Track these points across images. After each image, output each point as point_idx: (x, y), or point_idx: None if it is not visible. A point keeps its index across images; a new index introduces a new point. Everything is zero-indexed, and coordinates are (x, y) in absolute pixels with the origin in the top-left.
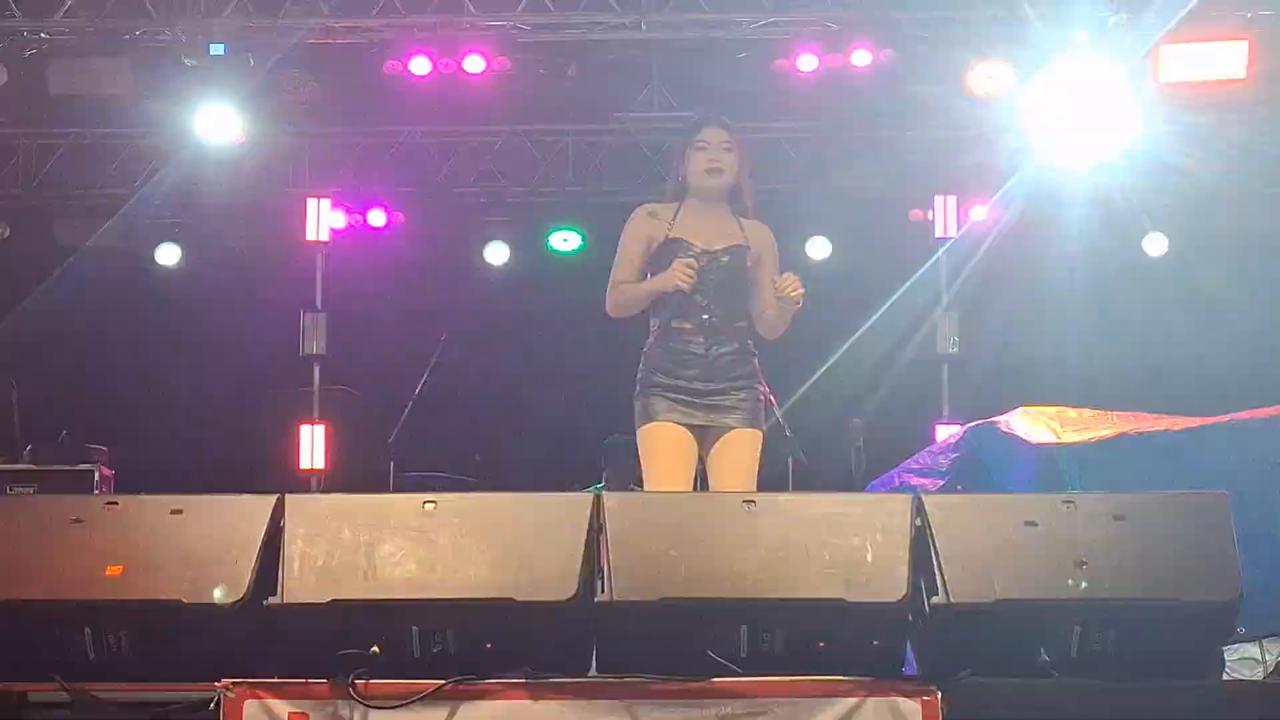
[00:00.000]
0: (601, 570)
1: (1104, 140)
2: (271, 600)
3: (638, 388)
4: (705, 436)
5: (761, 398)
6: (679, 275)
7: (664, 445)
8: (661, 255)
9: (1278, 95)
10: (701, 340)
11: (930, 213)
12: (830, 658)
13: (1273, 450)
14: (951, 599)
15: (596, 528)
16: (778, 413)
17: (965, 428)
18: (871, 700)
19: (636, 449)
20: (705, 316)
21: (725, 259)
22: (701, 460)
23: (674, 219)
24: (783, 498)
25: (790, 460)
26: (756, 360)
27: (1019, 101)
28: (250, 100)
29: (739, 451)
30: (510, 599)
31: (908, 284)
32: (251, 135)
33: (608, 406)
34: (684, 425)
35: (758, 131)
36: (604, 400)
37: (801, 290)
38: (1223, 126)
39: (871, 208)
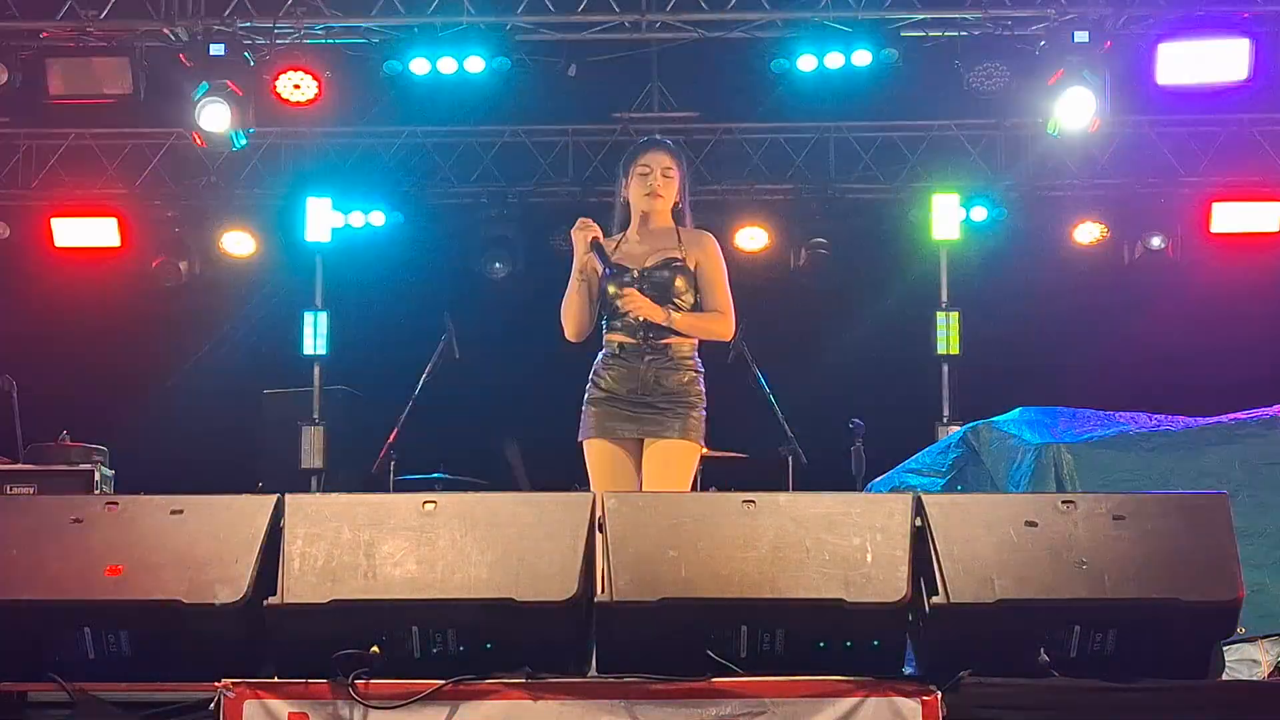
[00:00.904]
0: (601, 570)
1: (1104, 139)
2: (271, 600)
3: (584, 398)
4: (638, 448)
5: (701, 413)
6: (580, 240)
7: (597, 463)
8: (602, 281)
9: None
10: (638, 353)
11: (930, 213)
12: (830, 658)
13: (1271, 450)
14: (951, 599)
15: (596, 528)
16: (778, 413)
17: (965, 428)
18: (871, 700)
19: None
20: (642, 331)
21: (659, 274)
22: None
23: (615, 249)
24: (783, 497)
25: (790, 460)
26: (700, 376)
27: (1019, 101)
28: (250, 100)
29: (665, 461)
30: (510, 599)
31: (908, 284)
32: (251, 135)
33: None
34: (616, 440)
35: (757, 131)
36: None
37: (637, 305)
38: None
39: (871, 208)
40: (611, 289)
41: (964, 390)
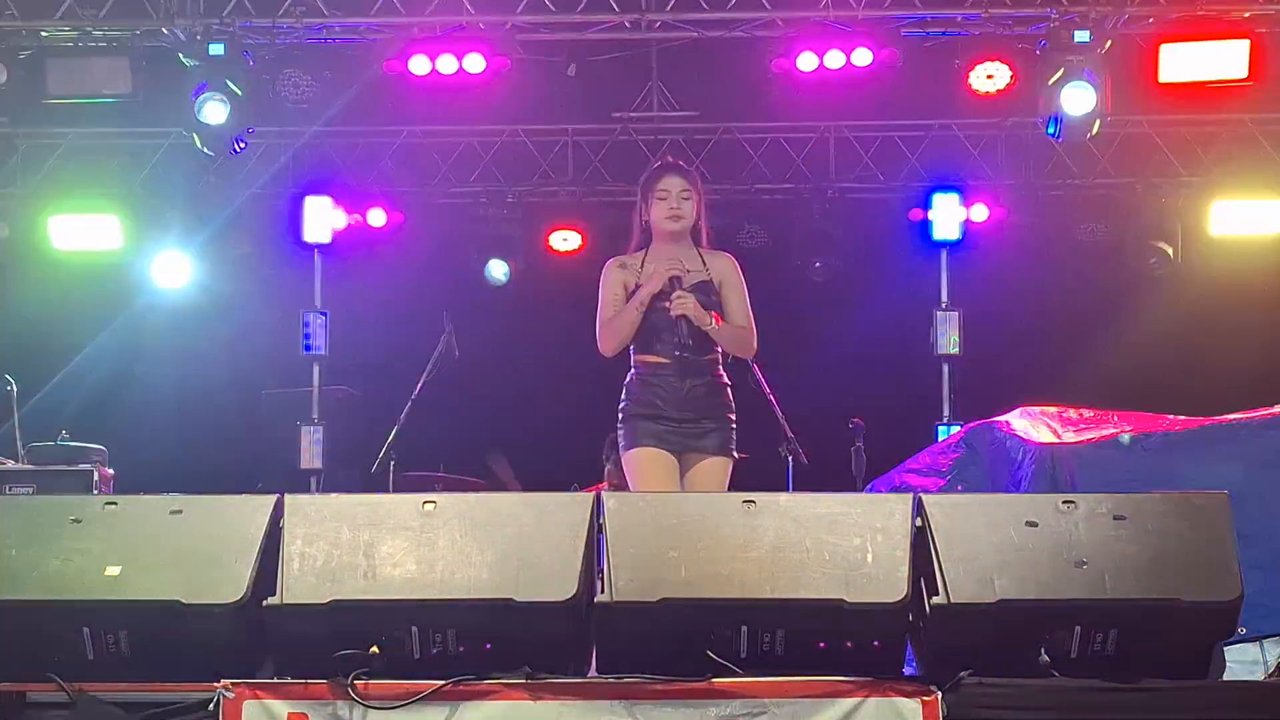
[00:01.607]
0: (601, 570)
1: (1104, 139)
2: (271, 600)
3: (620, 417)
4: (681, 464)
5: (733, 426)
6: (660, 272)
7: (649, 469)
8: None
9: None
10: (676, 373)
11: (930, 212)
12: (830, 658)
13: (1272, 450)
14: (951, 599)
15: (596, 528)
16: (778, 413)
17: (965, 428)
18: (871, 700)
19: None
20: (678, 351)
21: (697, 296)
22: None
23: (642, 267)
24: (783, 498)
25: (790, 460)
26: (729, 390)
27: (1019, 100)
28: (250, 100)
29: (712, 477)
30: (510, 599)
31: (908, 284)
32: (251, 135)
33: (608, 405)
34: (665, 448)
35: (757, 131)
36: (604, 399)
37: (687, 307)
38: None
39: (871, 208)
40: (657, 342)
41: (964, 390)
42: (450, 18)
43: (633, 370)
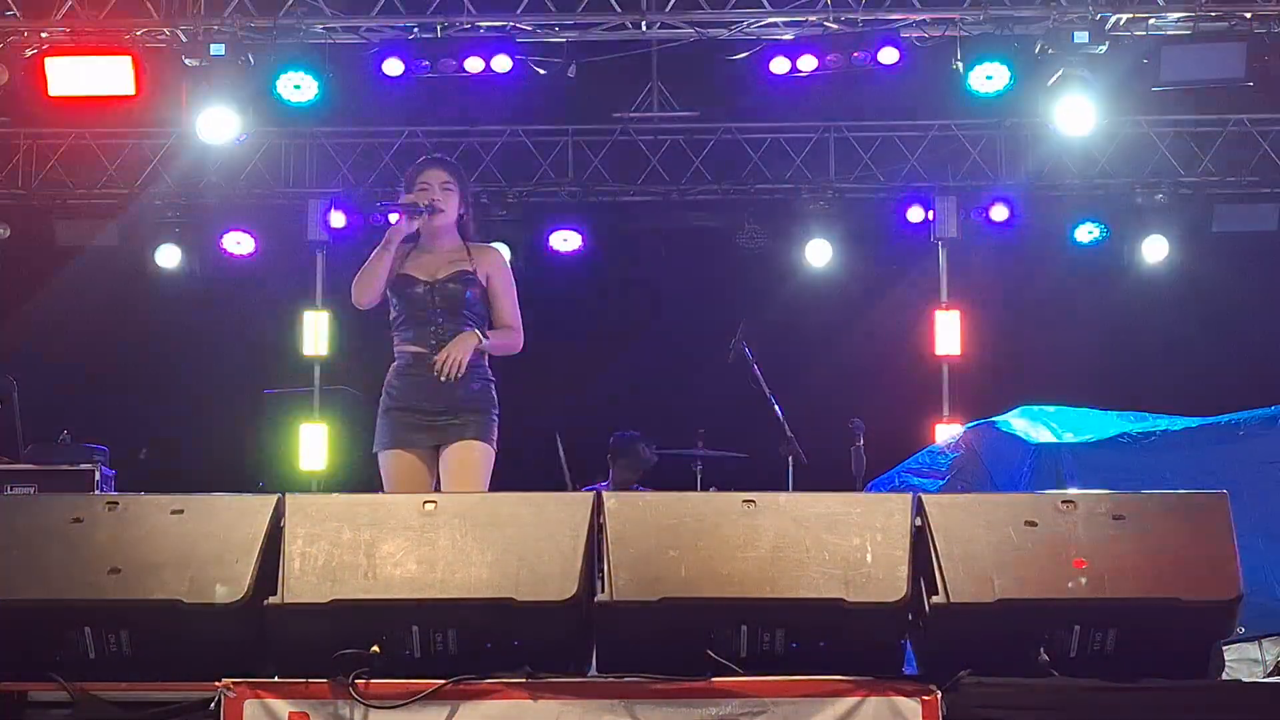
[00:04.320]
0: (601, 570)
1: (1104, 139)
2: (271, 600)
3: (379, 409)
4: (435, 457)
5: (495, 418)
6: (412, 199)
7: (395, 475)
8: (392, 291)
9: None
10: (433, 364)
11: (930, 212)
12: (830, 658)
13: (1271, 450)
14: (951, 599)
15: (596, 528)
16: (778, 412)
17: (965, 428)
18: (871, 700)
19: (643, 444)
20: (434, 342)
21: (451, 286)
22: (438, 480)
23: (405, 258)
24: (783, 497)
25: (790, 460)
26: (492, 385)
27: (1019, 101)
28: (250, 100)
29: (463, 462)
30: (510, 599)
31: (908, 284)
32: (251, 135)
33: (607, 404)
34: (415, 450)
35: (757, 131)
36: (603, 398)
37: (449, 366)
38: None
39: (871, 208)
40: (414, 332)
41: (964, 390)
42: (450, 18)
43: (394, 361)
